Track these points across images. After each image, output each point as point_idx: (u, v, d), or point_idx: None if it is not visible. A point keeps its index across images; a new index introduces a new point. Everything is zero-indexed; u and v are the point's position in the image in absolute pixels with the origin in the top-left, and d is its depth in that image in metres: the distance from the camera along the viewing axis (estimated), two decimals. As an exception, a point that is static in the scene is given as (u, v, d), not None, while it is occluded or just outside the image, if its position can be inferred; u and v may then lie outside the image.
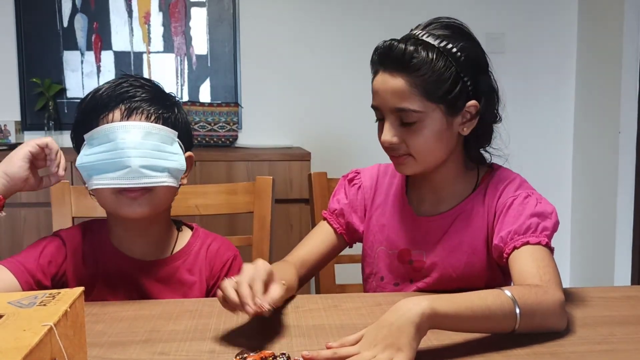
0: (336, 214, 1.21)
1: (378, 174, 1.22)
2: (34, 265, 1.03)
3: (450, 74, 1.00)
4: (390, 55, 1.01)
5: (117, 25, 2.77)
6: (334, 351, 0.75)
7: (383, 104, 1.03)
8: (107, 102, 1.03)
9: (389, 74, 1.01)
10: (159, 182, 1.01)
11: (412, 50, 0.99)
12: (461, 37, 1.03)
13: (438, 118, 1.02)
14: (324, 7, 2.86)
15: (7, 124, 2.66)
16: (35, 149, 1.01)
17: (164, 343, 0.85)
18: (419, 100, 1.00)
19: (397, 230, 1.15)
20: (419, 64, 0.99)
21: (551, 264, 0.95)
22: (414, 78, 0.99)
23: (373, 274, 1.19)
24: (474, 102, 1.03)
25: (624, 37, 2.61)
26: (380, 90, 1.03)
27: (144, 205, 1.03)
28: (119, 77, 1.08)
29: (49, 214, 1.34)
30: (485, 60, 1.07)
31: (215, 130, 2.70)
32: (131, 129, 0.99)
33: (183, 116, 1.11)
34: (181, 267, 1.13)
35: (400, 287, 1.16)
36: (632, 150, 2.67)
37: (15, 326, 0.55)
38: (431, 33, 1.02)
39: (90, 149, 1.01)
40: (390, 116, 1.03)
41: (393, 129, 1.03)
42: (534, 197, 1.05)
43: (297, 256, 1.16)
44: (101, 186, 1.00)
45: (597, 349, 0.83)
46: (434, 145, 1.04)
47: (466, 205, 1.11)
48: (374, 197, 1.20)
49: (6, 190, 1.00)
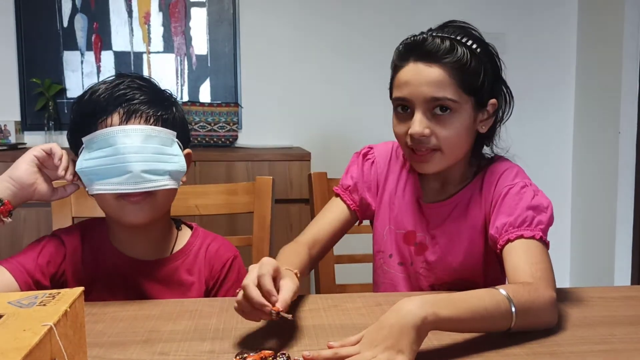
0: (350, 190, 1.21)
1: (392, 151, 1.22)
2: (32, 266, 1.03)
3: (480, 70, 1.03)
4: (424, 46, 1.01)
5: (117, 25, 2.77)
6: (335, 351, 0.75)
7: (416, 94, 1.02)
8: (105, 105, 1.02)
9: (424, 64, 1.01)
10: (160, 185, 1.01)
11: (448, 42, 1.01)
12: (480, 39, 1.06)
13: (469, 111, 1.04)
14: (324, 7, 2.86)
15: (7, 124, 2.66)
16: (40, 154, 1.00)
17: (163, 343, 0.85)
18: (456, 90, 1.01)
19: (405, 211, 1.16)
20: (456, 55, 1.00)
21: (544, 260, 0.96)
22: (450, 68, 1.00)
23: (381, 251, 1.20)
24: (494, 101, 1.07)
25: (624, 37, 2.61)
26: (413, 80, 1.02)
27: (146, 210, 1.03)
28: (115, 78, 1.07)
29: (49, 214, 1.34)
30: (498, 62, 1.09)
31: (215, 131, 2.70)
32: (131, 133, 0.99)
33: (180, 114, 1.10)
34: (180, 267, 1.13)
35: (404, 267, 1.17)
36: (632, 150, 2.67)
37: (15, 326, 0.55)
38: (455, 31, 1.04)
39: (90, 154, 0.99)
40: (422, 107, 1.02)
41: (425, 120, 1.02)
42: (531, 188, 1.06)
43: (309, 235, 1.15)
44: (103, 191, 0.99)
45: (596, 349, 0.83)
46: (463, 138, 1.05)
47: (465, 193, 1.12)
48: (387, 174, 1.20)
49: (13, 196, 0.99)
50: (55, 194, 1.04)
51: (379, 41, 2.85)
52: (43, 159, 1.01)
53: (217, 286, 1.15)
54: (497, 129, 1.12)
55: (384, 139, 1.25)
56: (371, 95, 2.89)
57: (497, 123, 1.11)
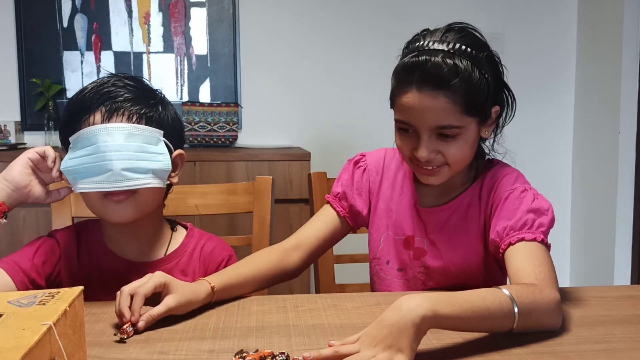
0: (339, 197, 1.21)
1: (385, 158, 1.21)
2: (28, 265, 1.03)
3: (483, 84, 1.00)
4: (427, 73, 0.97)
5: (117, 25, 2.77)
6: (335, 349, 0.75)
7: (420, 122, 1.00)
8: (88, 104, 1.02)
9: (427, 93, 0.97)
10: (142, 184, 1.00)
11: (451, 66, 0.97)
12: (482, 43, 1.04)
13: (473, 128, 1.03)
14: (324, 7, 2.86)
15: (7, 124, 2.66)
16: (34, 156, 1.01)
17: (163, 342, 0.85)
18: (459, 116, 0.99)
19: (404, 217, 1.16)
20: (460, 81, 0.97)
21: (547, 262, 0.95)
22: (455, 95, 0.97)
23: (378, 258, 1.20)
24: (497, 108, 1.07)
25: (624, 37, 2.61)
26: (416, 109, 0.99)
27: (128, 209, 1.03)
28: (104, 77, 1.07)
29: (48, 214, 1.34)
30: (501, 67, 1.08)
31: (215, 131, 2.70)
32: (112, 131, 0.98)
33: (170, 113, 1.09)
34: (174, 269, 1.12)
35: (403, 272, 1.17)
36: (632, 150, 2.67)
37: (14, 325, 0.55)
38: (457, 41, 0.99)
39: (74, 153, 1.00)
40: (426, 133, 1.01)
41: (431, 145, 1.01)
42: (531, 192, 1.06)
43: (293, 240, 1.15)
44: (85, 190, 1.00)
45: (596, 348, 0.83)
46: (469, 152, 1.05)
47: (464, 198, 1.12)
48: (381, 181, 1.20)
49: (8, 198, 1.00)
50: (50, 197, 1.05)
51: (379, 42, 2.85)
52: (37, 161, 1.02)
53: None
54: (499, 132, 1.12)
55: (383, 139, 1.25)
56: (371, 96, 2.89)
57: (499, 127, 1.11)
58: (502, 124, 1.11)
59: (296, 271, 1.14)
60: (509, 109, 1.10)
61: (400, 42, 1.07)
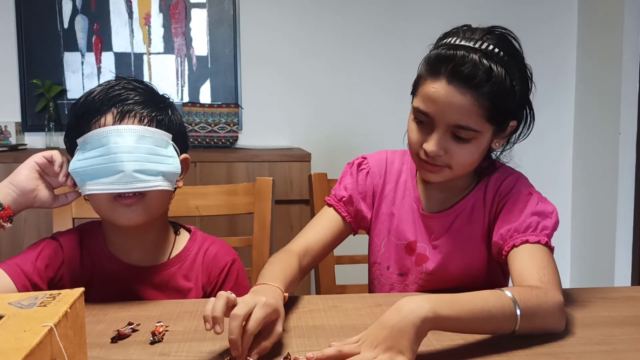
0: (344, 201, 1.18)
1: (386, 161, 1.20)
2: (30, 268, 1.03)
3: (511, 95, 0.99)
4: (461, 69, 0.95)
5: (118, 26, 2.78)
6: (337, 348, 0.75)
7: (440, 115, 0.98)
8: (99, 106, 1.01)
9: (456, 89, 0.95)
10: (153, 186, 1.00)
11: (487, 68, 0.95)
12: (520, 54, 1.02)
13: (487, 137, 1.02)
14: (324, 8, 2.86)
15: (8, 125, 2.66)
16: (41, 160, 1.01)
17: (163, 344, 0.85)
18: (480, 120, 0.97)
19: (406, 221, 1.15)
20: (491, 85, 0.95)
21: (551, 265, 0.95)
22: (482, 97, 0.95)
23: (378, 263, 1.19)
24: (514, 123, 1.05)
25: (624, 37, 2.61)
26: (440, 102, 0.97)
27: (139, 212, 1.02)
28: (111, 80, 1.07)
29: (49, 215, 1.34)
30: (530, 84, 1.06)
31: (215, 131, 2.70)
32: (124, 133, 0.98)
33: (177, 118, 1.09)
34: (177, 273, 1.11)
35: (404, 277, 1.16)
36: (632, 151, 2.67)
37: (15, 327, 0.55)
38: (497, 46, 0.97)
39: (83, 154, 0.99)
40: (443, 127, 0.99)
41: (443, 142, 0.99)
42: (535, 195, 1.06)
43: (301, 244, 1.12)
44: (95, 191, 0.98)
45: (596, 350, 0.83)
46: (475, 159, 1.04)
47: (467, 202, 1.11)
48: (384, 184, 1.18)
49: (14, 202, 0.99)
50: (56, 201, 1.04)
51: (380, 43, 2.85)
52: (44, 165, 1.01)
53: (215, 292, 1.14)
54: (509, 147, 1.10)
55: (384, 140, 1.25)
56: (371, 97, 2.89)
57: (510, 143, 1.09)
58: (514, 141, 1.09)
59: (303, 277, 1.14)
60: (525, 128, 1.08)
61: (400, 43, 1.08)
